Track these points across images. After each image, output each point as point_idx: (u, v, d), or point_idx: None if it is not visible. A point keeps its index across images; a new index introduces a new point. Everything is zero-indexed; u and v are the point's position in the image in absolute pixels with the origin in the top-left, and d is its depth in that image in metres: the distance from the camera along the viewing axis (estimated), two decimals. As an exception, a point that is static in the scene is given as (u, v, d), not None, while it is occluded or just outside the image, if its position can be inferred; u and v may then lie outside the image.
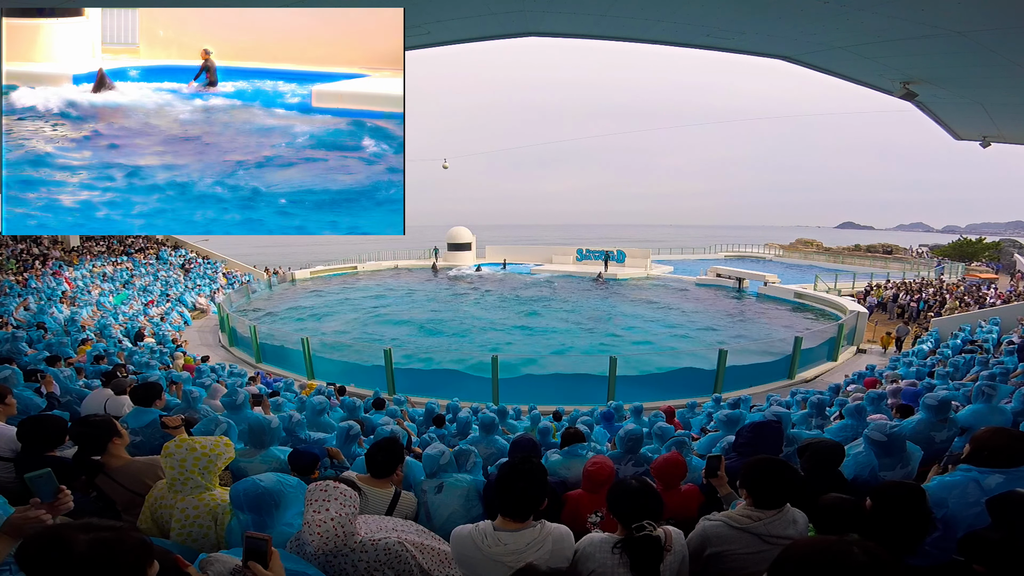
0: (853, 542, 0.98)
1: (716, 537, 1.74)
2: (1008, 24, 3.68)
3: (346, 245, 41.32)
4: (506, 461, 1.70)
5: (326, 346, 12.49)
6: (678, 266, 28.16)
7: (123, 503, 2.15)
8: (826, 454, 2.37)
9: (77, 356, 7.54)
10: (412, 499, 2.31)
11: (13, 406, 3.01)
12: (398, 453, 2.23)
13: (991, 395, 3.52)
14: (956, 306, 16.12)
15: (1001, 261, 34.50)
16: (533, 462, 1.68)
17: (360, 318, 17.20)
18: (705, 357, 10.55)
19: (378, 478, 2.19)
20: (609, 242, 35.83)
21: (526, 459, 1.70)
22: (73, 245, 19.31)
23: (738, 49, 5.13)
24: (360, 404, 5.16)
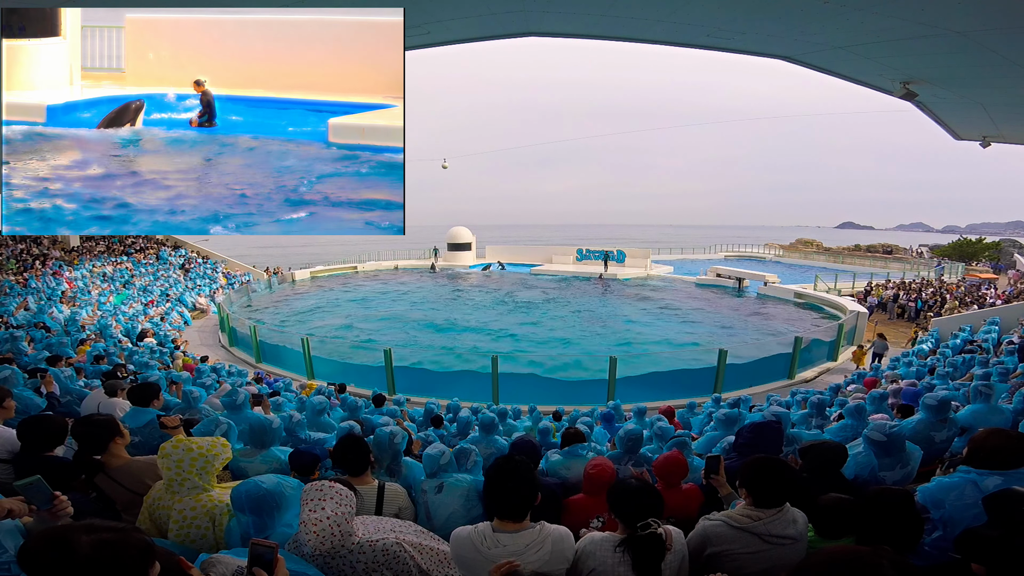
0: (885, 554, 0.93)
1: (716, 537, 1.74)
2: (1008, 24, 3.68)
3: (346, 245, 41.33)
4: (490, 465, 1.69)
5: (326, 345, 12.49)
6: (678, 266, 28.15)
7: (123, 503, 2.15)
8: (828, 455, 2.37)
9: (77, 356, 7.54)
10: (399, 489, 2.33)
11: (12, 409, 3.01)
12: (364, 447, 2.27)
13: (988, 395, 3.52)
14: (956, 306, 16.12)
15: (1002, 261, 34.49)
16: (516, 460, 1.67)
17: (360, 318, 17.19)
18: (705, 357, 10.55)
19: (356, 476, 2.21)
20: (609, 242, 35.83)
21: (508, 459, 1.69)
22: (73, 245, 19.30)
23: (738, 49, 5.13)
24: (361, 404, 5.17)
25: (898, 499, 1.57)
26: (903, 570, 0.91)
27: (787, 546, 1.68)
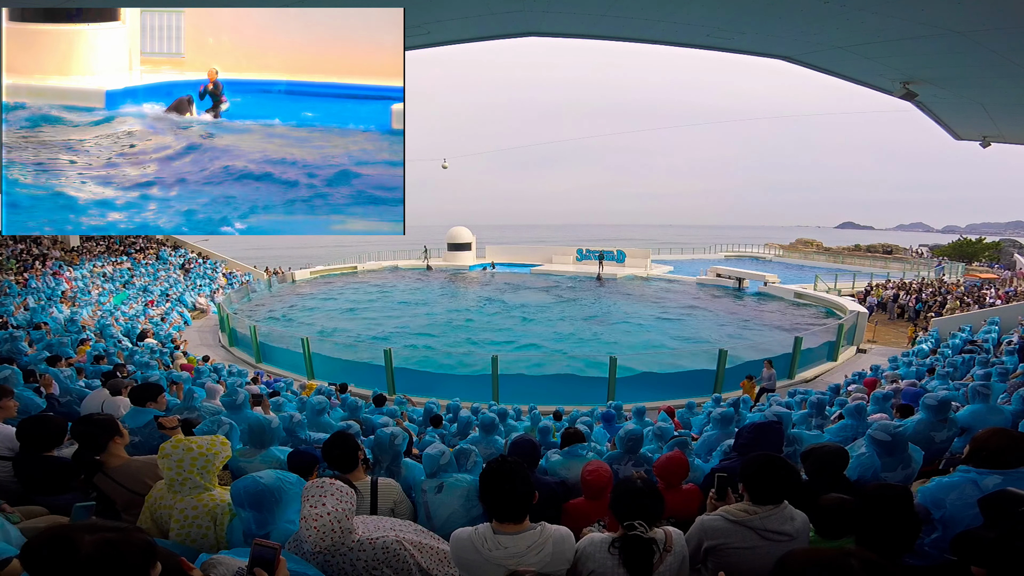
0: (851, 553, 0.97)
1: (712, 530, 1.75)
2: (1008, 24, 3.68)
3: (346, 245, 41.32)
4: (483, 468, 1.67)
5: (326, 345, 12.49)
6: (678, 266, 28.14)
7: (123, 503, 2.15)
8: (830, 458, 2.37)
9: (77, 356, 7.53)
10: (393, 484, 2.33)
11: (13, 408, 3.01)
12: (351, 444, 2.28)
13: (987, 395, 3.52)
14: (956, 306, 16.12)
15: (1002, 261, 34.50)
16: (509, 461, 1.66)
17: (360, 318, 17.19)
18: (705, 357, 10.55)
19: (347, 473, 2.22)
20: (609, 242, 35.81)
21: (502, 460, 1.68)
22: (73, 245, 19.29)
23: (738, 49, 5.13)
24: (362, 404, 5.17)
25: (896, 495, 1.57)
26: (869, 564, 0.92)
27: (783, 543, 1.68)
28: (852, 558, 0.94)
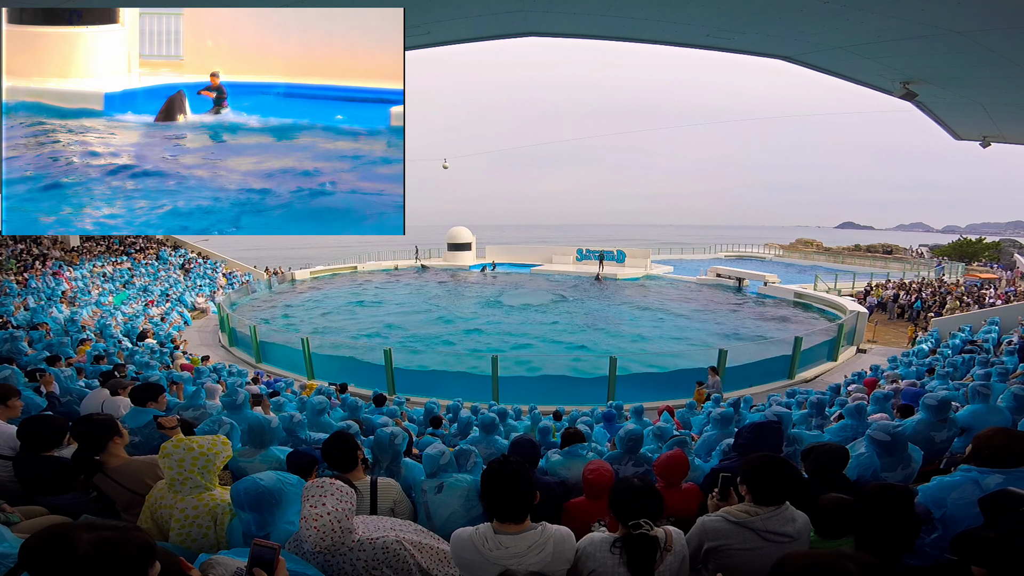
0: (848, 556, 0.97)
1: (713, 531, 1.75)
2: (1008, 24, 3.68)
3: (346, 245, 41.31)
4: (485, 468, 1.67)
5: (326, 345, 12.49)
6: (678, 266, 28.13)
7: (122, 503, 2.15)
8: (830, 458, 2.37)
9: (77, 356, 7.53)
10: (392, 483, 2.33)
11: (17, 408, 3.00)
12: (351, 444, 2.27)
13: (987, 395, 3.52)
14: (956, 306, 16.12)
15: (1002, 261, 34.50)
16: (511, 461, 1.66)
17: (360, 318, 17.20)
18: (705, 357, 10.55)
19: (346, 472, 2.22)
20: (609, 242, 35.81)
21: (504, 460, 1.67)
22: (73, 245, 19.30)
23: (738, 49, 5.13)
24: (362, 404, 5.16)
25: (897, 495, 1.57)
26: (870, 572, 0.93)
27: (784, 544, 1.68)
28: (849, 561, 0.95)
